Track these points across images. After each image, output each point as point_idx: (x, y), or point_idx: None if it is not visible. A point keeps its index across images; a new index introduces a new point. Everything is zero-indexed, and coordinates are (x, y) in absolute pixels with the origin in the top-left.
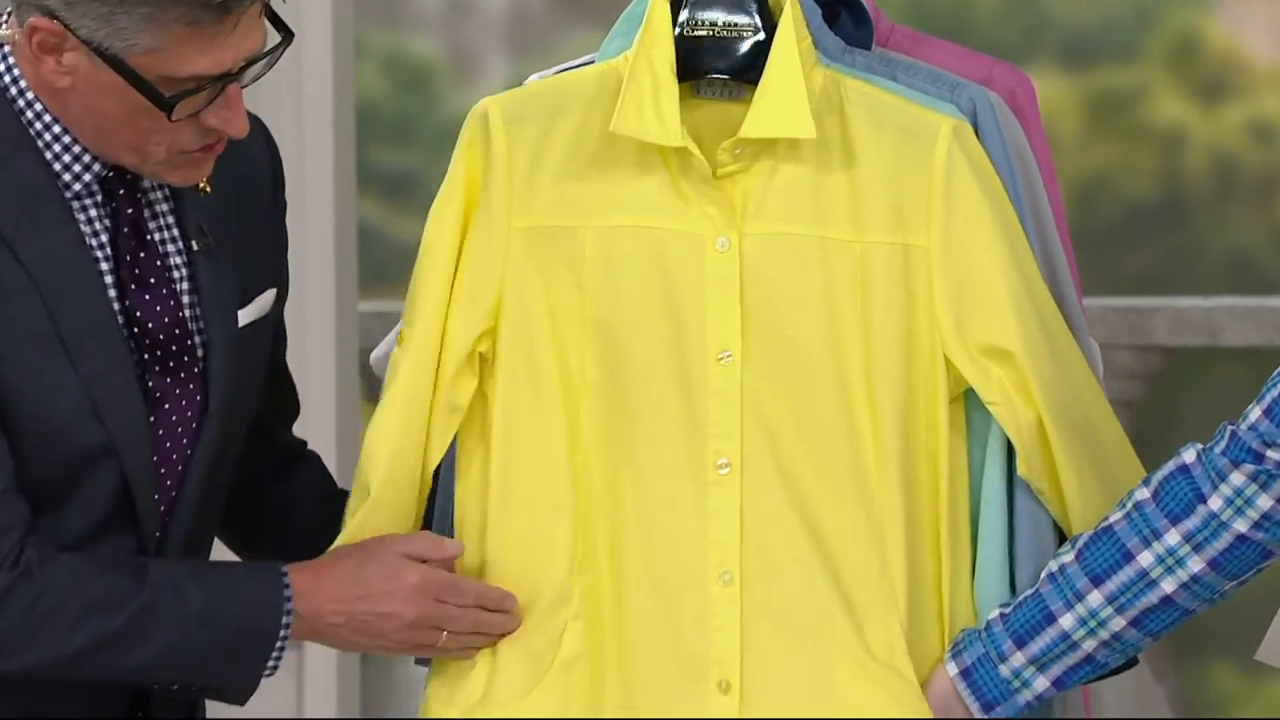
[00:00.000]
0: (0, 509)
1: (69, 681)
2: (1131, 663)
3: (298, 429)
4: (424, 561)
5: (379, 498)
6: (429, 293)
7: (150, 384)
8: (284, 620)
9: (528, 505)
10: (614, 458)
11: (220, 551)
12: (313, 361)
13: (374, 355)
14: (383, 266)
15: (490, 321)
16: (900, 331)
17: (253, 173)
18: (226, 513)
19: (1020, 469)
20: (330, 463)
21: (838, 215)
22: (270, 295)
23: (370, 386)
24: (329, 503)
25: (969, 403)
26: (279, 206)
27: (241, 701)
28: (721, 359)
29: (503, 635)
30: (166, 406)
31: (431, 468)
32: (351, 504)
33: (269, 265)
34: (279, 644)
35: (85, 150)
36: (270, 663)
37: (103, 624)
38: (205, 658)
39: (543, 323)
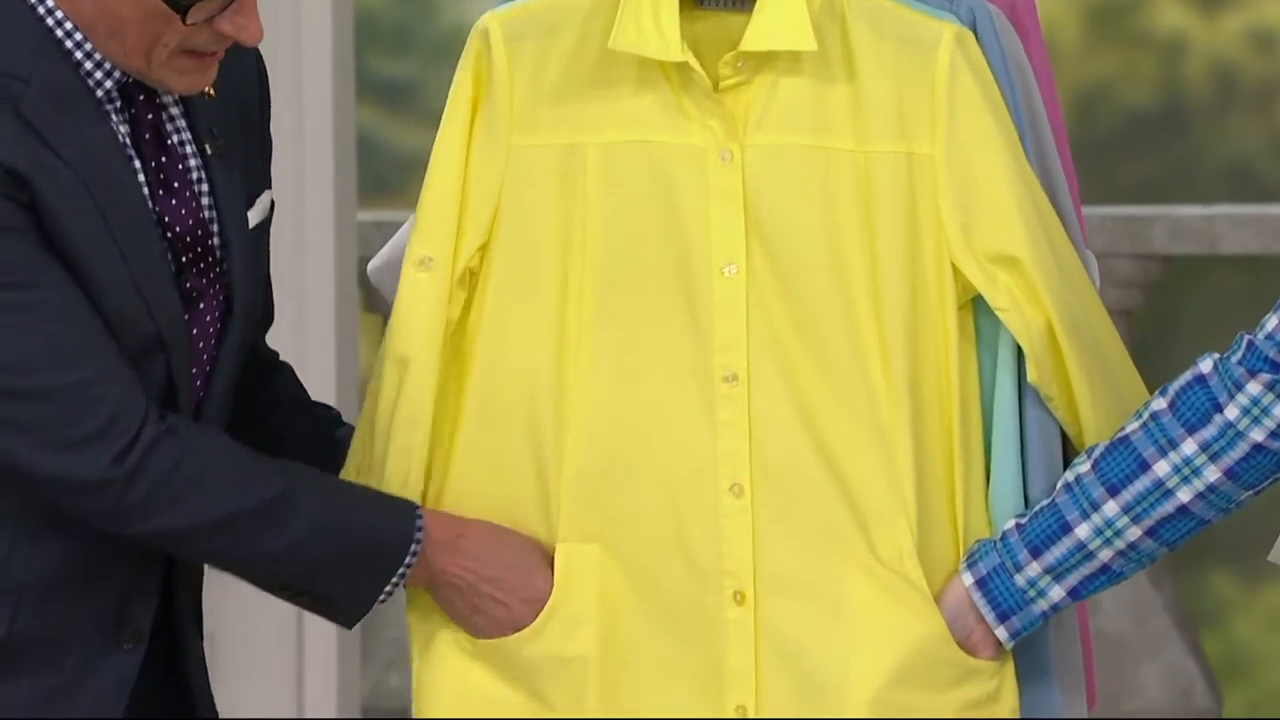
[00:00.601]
0: (125, 367)
1: (190, 557)
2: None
3: (297, 339)
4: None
5: (429, 429)
6: (444, 215)
7: (186, 284)
8: (411, 548)
9: (508, 422)
10: (618, 374)
11: None
12: (312, 272)
13: (372, 265)
14: (382, 176)
15: (485, 237)
16: (906, 240)
17: (243, 76)
18: None
19: (1030, 375)
20: (329, 373)
21: (840, 125)
22: (268, 197)
23: (369, 297)
24: (305, 412)
25: (977, 310)
26: (266, 110)
27: (349, 623)
28: (726, 272)
29: None
30: (201, 306)
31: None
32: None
33: (263, 168)
34: (402, 569)
35: (105, 56)
36: (388, 587)
37: (242, 500)
38: (330, 562)
39: (541, 240)
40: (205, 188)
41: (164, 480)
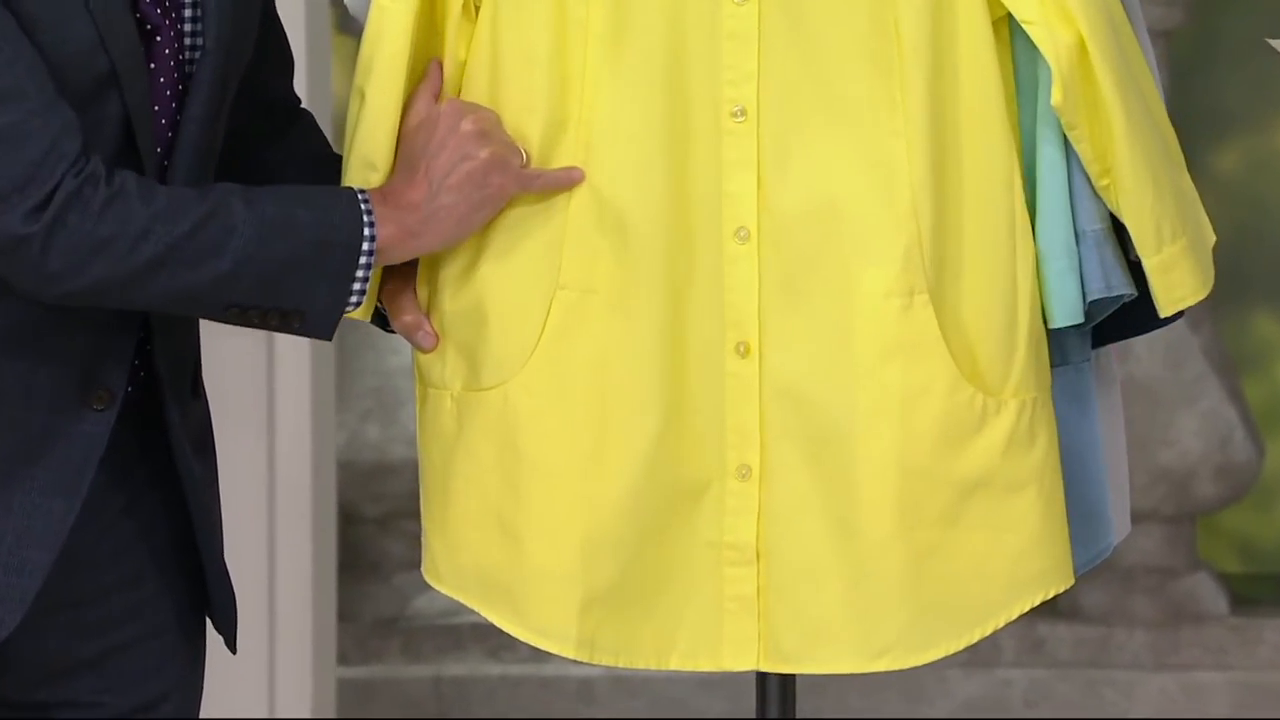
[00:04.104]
0: (56, 114)
1: (135, 306)
2: (1175, 317)
3: None
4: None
5: (388, 171)
6: None
7: (137, 14)
8: (365, 231)
9: None
10: (621, 113)
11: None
12: None
13: None
14: None
15: None
16: None
17: None
18: (219, 177)
19: (1054, 97)
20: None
21: None
22: None
23: (341, 18)
24: (325, 166)
25: (1013, 34)
26: None
27: (326, 334)
28: None
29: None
30: (158, 39)
31: None
32: (352, 178)
33: None
34: (363, 259)
35: None
36: (355, 284)
37: (171, 228)
38: (282, 269)
39: None
40: None
41: (87, 232)
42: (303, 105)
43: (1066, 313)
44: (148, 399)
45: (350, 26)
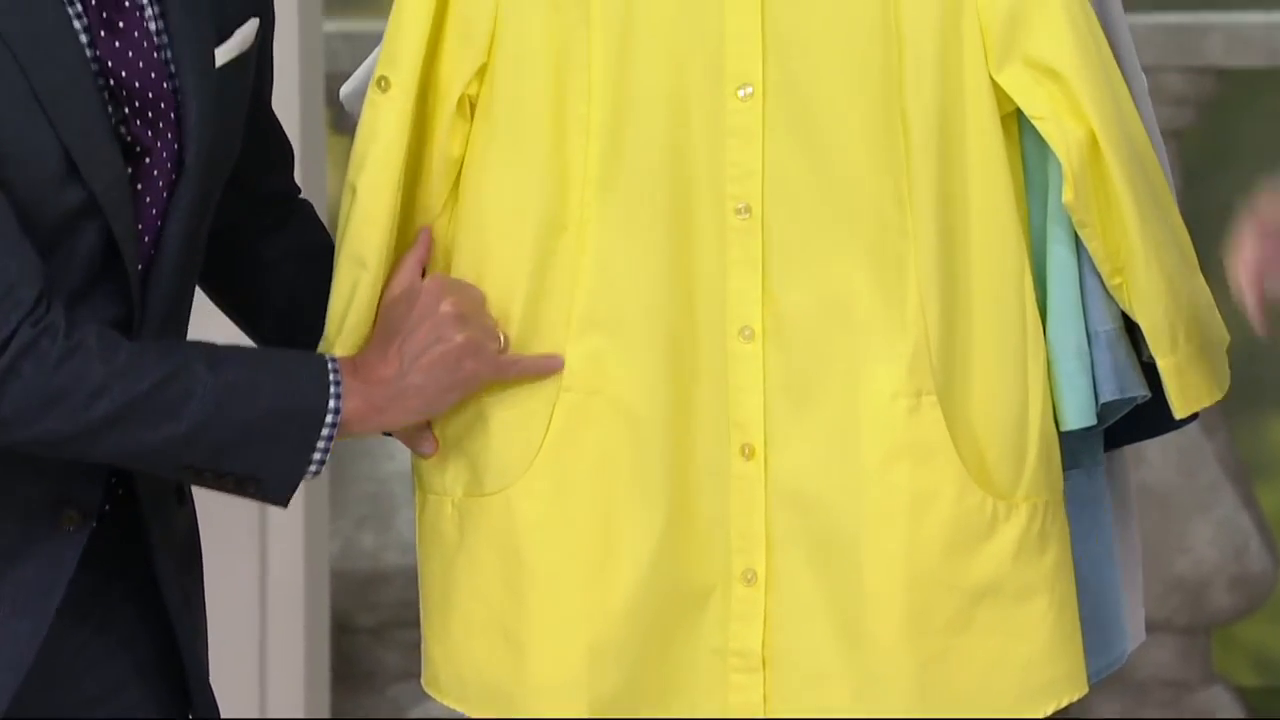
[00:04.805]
0: (15, 259)
1: (84, 459)
2: (1189, 419)
3: None
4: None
5: (378, 273)
6: (414, 31)
7: (128, 137)
8: (330, 403)
9: (506, 264)
10: (624, 206)
11: None
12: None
13: (345, 91)
14: None
15: (484, 58)
16: (937, 44)
17: None
18: (215, 271)
19: (1065, 195)
20: None
21: None
22: (252, 27)
23: (336, 116)
24: (324, 258)
25: (1022, 130)
26: None
27: (281, 501)
28: (741, 94)
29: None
30: (147, 161)
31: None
32: (342, 276)
33: None
34: (325, 430)
35: None
36: (315, 454)
37: (129, 388)
38: (241, 436)
39: (540, 61)
40: (162, 25)
41: (43, 384)
42: (301, 195)
43: (1079, 415)
44: (128, 514)
45: (345, 125)
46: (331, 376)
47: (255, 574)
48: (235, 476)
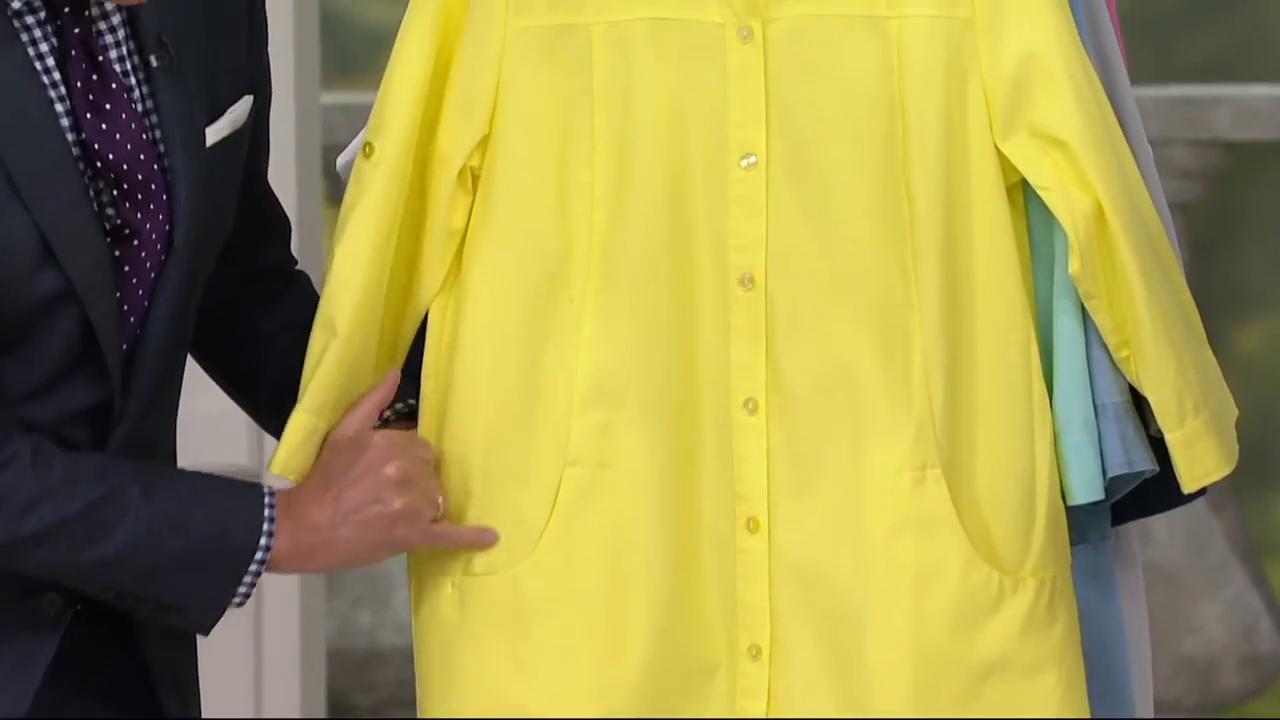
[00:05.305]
0: None
1: (9, 576)
2: (1197, 494)
3: None
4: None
5: (348, 338)
6: (401, 99)
7: (118, 220)
8: (261, 540)
9: (509, 338)
10: (627, 280)
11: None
12: (271, 160)
13: (341, 161)
14: (348, 54)
15: (485, 130)
16: (941, 113)
17: None
18: (210, 344)
19: (1071, 266)
20: None
21: None
22: (245, 105)
23: (334, 188)
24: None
25: (1028, 200)
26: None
27: (204, 630)
28: (744, 164)
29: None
30: (135, 243)
31: (429, 299)
32: (314, 340)
33: (244, 67)
34: (253, 566)
35: None
36: (242, 588)
37: (58, 509)
38: (168, 564)
39: (543, 131)
40: (151, 104)
41: None
42: (298, 267)
43: (1086, 489)
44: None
45: (342, 197)
46: (266, 513)
47: (250, 653)
48: (159, 603)
